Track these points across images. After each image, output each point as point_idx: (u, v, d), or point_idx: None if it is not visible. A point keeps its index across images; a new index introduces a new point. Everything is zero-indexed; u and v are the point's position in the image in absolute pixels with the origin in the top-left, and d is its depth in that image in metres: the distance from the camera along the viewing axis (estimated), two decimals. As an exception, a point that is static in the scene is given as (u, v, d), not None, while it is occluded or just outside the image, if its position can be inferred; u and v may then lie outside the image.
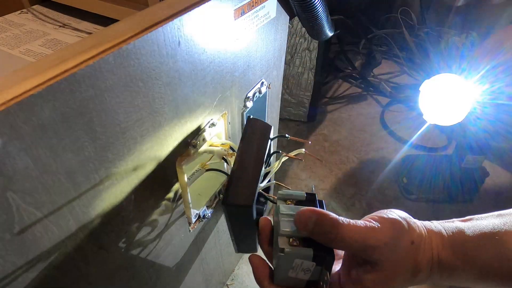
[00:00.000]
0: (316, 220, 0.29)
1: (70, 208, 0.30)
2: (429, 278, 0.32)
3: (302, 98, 1.25)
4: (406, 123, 1.31)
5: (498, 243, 0.30)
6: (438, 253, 0.31)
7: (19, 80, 0.24)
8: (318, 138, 1.27)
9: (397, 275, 0.30)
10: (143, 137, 0.35)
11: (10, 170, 0.24)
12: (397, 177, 1.09)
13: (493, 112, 0.82)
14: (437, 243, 0.31)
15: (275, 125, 0.75)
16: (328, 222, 0.29)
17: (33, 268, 0.29)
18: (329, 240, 0.29)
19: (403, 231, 0.30)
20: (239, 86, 0.49)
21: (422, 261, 0.31)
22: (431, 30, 1.51)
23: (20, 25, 0.59)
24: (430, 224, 0.33)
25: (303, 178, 1.12)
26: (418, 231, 0.31)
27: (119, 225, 0.37)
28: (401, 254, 0.30)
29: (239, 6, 0.41)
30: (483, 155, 0.95)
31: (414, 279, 0.31)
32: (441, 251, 0.31)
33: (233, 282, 0.85)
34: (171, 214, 0.46)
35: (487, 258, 0.30)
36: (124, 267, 0.41)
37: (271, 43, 0.54)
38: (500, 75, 0.76)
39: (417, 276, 0.31)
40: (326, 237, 0.29)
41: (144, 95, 0.32)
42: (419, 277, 0.31)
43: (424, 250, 0.31)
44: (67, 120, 0.26)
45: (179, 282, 0.58)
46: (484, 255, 0.30)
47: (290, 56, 1.14)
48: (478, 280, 0.31)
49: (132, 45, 0.28)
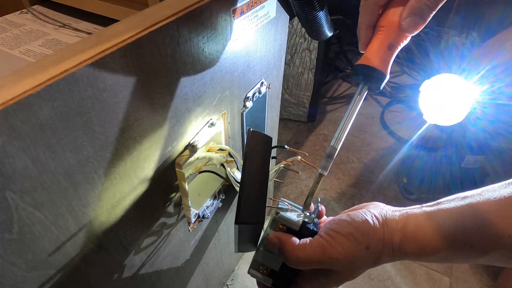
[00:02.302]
0: (278, 249, 0.35)
1: (69, 208, 0.30)
2: (392, 260, 0.35)
3: (302, 98, 1.25)
4: (406, 123, 1.31)
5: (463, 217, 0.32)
6: (400, 245, 0.34)
7: (18, 80, 0.24)
8: (318, 138, 1.27)
9: (355, 273, 0.35)
10: (142, 137, 0.35)
11: (9, 170, 0.24)
12: (397, 177, 1.09)
13: (493, 112, 0.82)
14: (397, 236, 0.34)
15: (275, 125, 0.75)
16: (288, 254, 0.34)
17: (32, 268, 0.29)
18: (294, 267, 0.35)
19: (357, 242, 0.33)
20: (238, 86, 0.49)
21: (380, 256, 0.34)
22: (431, 30, 1.51)
23: (20, 25, 0.59)
24: (390, 217, 0.35)
25: (303, 178, 1.12)
26: (373, 235, 0.34)
27: (118, 225, 0.37)
28: (359, 259, 0.34)
29: (239, 6, 0.41)
30: (483, 155, 0.95)
31: (374, 265, 0.35)
32: (401, 243, 0.34)
33: (233, 282, 0.85)
34: (171, 214, 0.46)
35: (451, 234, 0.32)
36: (124, 267, 0.41)
37: (271, 43, 0.54)
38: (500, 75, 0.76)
39: (377, 263, 0.35)
40: (288, 264, 0.35)
41: (143, 95, 0.32)
42: (379, 263, 0.35)
43: (382, 248, 0.34)
44: (65, 119, 0.26)
45: (179, 282, 0.58)
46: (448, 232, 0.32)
47: (290, 56, 1.14)
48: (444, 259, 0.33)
49: (131, 45, 0.29)
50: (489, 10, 1.34)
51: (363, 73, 0.35)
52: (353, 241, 0.33)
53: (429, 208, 0.34)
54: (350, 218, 0.35)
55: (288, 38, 1.09)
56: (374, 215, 0.35)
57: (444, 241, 0.32)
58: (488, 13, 1.35)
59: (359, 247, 0.33)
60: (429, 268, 0.89)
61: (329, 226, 0.36)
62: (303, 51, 1.12)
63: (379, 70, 0.34)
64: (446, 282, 0.86)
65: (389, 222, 0.35)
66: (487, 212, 0.30)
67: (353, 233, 0.34)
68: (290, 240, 0.35)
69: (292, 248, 0.34)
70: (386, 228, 0.34)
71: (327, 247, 0.33)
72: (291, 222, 0.37)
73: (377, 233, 0.34)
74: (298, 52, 1.13)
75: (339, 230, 0.34)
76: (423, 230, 0.33)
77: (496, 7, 1.32)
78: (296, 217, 0.38)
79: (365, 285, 0.86)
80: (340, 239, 0.34)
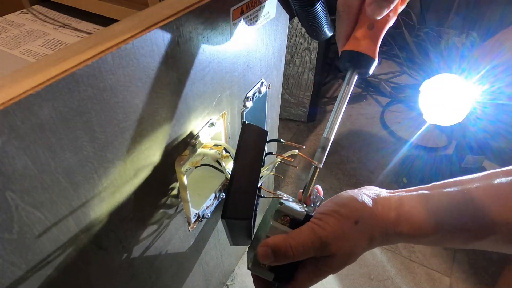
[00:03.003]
0: (272, 253, 0.34)
1: (69, 208, 0.30)
2: (387, 243, 0.35)
3: (302, 98, 1.25)
4: (406, 123, 1.31)
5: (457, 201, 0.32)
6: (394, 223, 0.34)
7: (18, 80, 0.24)
8: (318, 138, 1.27)
9: (352, 255, 0.35)
10: (142, 137, 0.35)
11: (9, 170, 0.24)
12: (397, 177, 1.09)
13: (493, 112, 0.82)
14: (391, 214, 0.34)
15: (275, 125, 0.75)
16: (283, 249, 0.34)
17: (32, 268, 0.29)
18: (291, 260, 0.34)
19: (343, 217, 0.34)
20: (238, 86, 0.49)
21: (373, 233, 0.34)
22: (431, 30, 1.52)
23: (20, 25, 0.59)
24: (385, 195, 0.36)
25: (303, 178, 1.12)
26: (362, 209, 0.34)
27: (118, 225, 0.37)
28: (349, 235, 0.34)
29: (239, 6, 0.41)
30: (483, 155, 0.95)
31: (369, 247, 0.35)
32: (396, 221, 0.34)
33: (233, 282, 0.85)
34: (171, 214, 0.46)
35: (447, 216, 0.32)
36: (123, 267, 0.41)
37: (271, 43, 0.54)
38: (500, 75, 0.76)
39: (372, 244, 0.35)
40: (288, 260, 0.34)
41: (143, 95, 0.32)
42: (374, 244, 0.35)
43: (375, 223, 0.34)
44: (65, 119, 0.26)
45: (179, 282, 0.58)
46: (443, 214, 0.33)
47: (290, 56, 1.14)
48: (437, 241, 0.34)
49: (131, 45, 0.29)
50: (489, 10, 1.34)
51: (349, 59, 0.34)
52: (339, 218, 0.34)
53: (426, 191, 0.35)
54: (336, 198, 0.36)
55: (288, 38, 1.09)
56: (364, 193, 0.36)
57: (439, 223, 0.32)
58: (488, 13, 1.35)
59: (347, 223, 0.34)
60: (429, 268, 0.89)
61: (317, 210, 0.36)
62: (303, 51, 1.12)
63: (364, 54, 0.33)
64: (446, 282, 0.86)
65: (384, 200, 0.35)
66: (484, 198, 0.31)
67: (338, 210, 0.34)
68: (278, 237, 0.35)
69: (284, 242, 0.34)
70: (380, 206, 0.35)
71: (316, 229, 0.34)
72: (296, 212, 0.37)
73: (366, 208, 0.34)
74: (298, 52, 1.13)
75: (325, 211, 0.35)
76: (419, 211, 0.33)
77: (496, 7, 1.33)
78: (298, 208, 0.37)
79: (365, 285, 0.86)
80: (327, 219, 0.34)
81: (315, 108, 1.28)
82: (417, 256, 0.91)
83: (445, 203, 0.33)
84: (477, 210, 0.31)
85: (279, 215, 0.37)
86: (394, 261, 0.90)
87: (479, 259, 0.91)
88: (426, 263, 0.90)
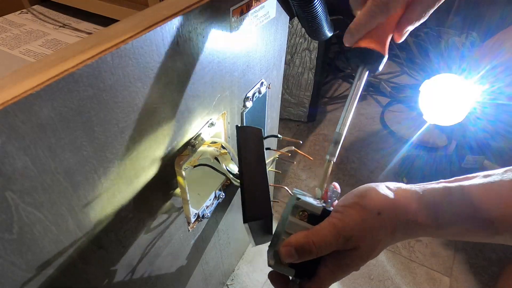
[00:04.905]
0: (295, 252, 0.34)
1: (69, 207, 0.30)
2: (408, 236, 0.35)
3: (302, 98, 1.25)
4: (406, 123, 1.32)
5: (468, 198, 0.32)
6: (415, 214, 0.33)
7: (18, 80, 0.24)
8: (318, 138, 1.27)
9: (376, 247, 0.34)
10: (142, 137, 0.35)
11: (9, 170, 0.24)
12: (397, 177, 1.09)
13: (493, 112, 0.83)
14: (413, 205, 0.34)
15: (275, 125, 0.75)
16: (306, 247, 0.33)
17: (32, 268, 0.29)
18: (314, 256, 0.34)
19: (365, 209, 0.33)
20: (238, 86, 0.49)
21: (396, 225, 0.33)
22: (431, 30, 1.52)
23: (20, 25, 0.59)
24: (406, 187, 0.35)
25: (303, 178, 1.12)
26: (384, 200, 0.34)
27: (118, 224, 0.37)
28: (372, 226, 0.33)
29: (238, 6, 0.41)
30: (483, 155, 0.95)
31: (392, 241, 0.35)
32: (418, 212, 0.33)
33: (233, 282, 0.85)
34: (170, 214, 0.46)
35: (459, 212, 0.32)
36: (123, 266, 0.41)
37: (271, 43, 0.54)
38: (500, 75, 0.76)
39: (394, 237, 0.34)
40: (311, 257, 0.34)
41: (142, 95, 0.32)
42: (397, 237, 0.34)
43: (397, 214, 0.33)
44: (65, 119, 0.26)
45: (179, 282, 0.58)
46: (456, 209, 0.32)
47: (290, 56, 1.14)
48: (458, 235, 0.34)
49: (130, 45, 0.29)
50: (489, 10, 1.34)
51: (359, 55, 0.35)
52: (361, 209, 0.33)
53: (449, 184, 0.34)
54: (356, 191, 0.35)
55: (288, 38, 1.08)
56: (385, 185, 0.35)
57: (462, 215, 0.32)
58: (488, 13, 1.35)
59: (369, 214, 0.33)
60: (429, 268, 0.89)
61: (338, 204, 0.36)
62: (303, 51, 1.12)
63: (374, 51, 0.34)
64: (446, 282, 0.86)
65: (405, 192, 0.35)
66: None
67: (359, 202, 0.34)
68: (299, 235, 0.34)
69: (306, 239, 0.33)
70: (402, 197, 0.34)
71: (337, 223, 0.33)
72: (313, 207, 0.36)
73: (389, 199, 0.34)
74: (298, 52, 1.13)
75: (346, 203, 0.34)
76: (441, 202, 0.33)
77: (496, 7, 1.33)
78: (316, 203, 0.37)
79: (365, 285, 0.86)
80: (348, 211, 0.33)
81: (315, 108, 1.28)
82: (417, 256, 0.91)
83: (468, 196, 0.32)
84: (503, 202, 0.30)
85: (296, 210, 0.37)
86: (394, 261, 0.90)
87: (479, 259, 0.91)
88: (426, 263, 0.90)
